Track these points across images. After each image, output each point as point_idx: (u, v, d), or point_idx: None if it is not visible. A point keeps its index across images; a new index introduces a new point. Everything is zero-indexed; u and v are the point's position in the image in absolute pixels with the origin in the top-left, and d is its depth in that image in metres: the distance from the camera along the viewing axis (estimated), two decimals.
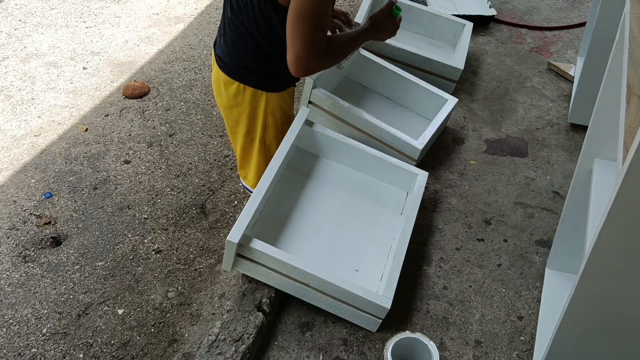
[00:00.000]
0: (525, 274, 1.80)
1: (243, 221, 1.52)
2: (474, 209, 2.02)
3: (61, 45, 3.01)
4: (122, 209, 2.09)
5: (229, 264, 1.57)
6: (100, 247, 1.95)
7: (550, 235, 1.92)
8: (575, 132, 2.40)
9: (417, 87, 2.31)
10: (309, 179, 1.91)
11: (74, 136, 2.43)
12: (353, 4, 3.49)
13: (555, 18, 3.25)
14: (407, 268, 1.74)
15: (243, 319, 1.56)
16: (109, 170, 2.26)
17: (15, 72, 2.80)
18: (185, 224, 2.05)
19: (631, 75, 1.02)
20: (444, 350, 1.58)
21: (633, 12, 1.17)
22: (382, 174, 1.95)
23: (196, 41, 3.11)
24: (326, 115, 2.08)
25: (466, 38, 2.67)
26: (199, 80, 2.81)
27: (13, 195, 2.14)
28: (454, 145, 2.30)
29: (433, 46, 2.78)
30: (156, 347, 1.67)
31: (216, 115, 2.58)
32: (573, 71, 2.71)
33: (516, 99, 2.59)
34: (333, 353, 1.55)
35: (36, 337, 1.68)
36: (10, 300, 1.77)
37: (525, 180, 2.16)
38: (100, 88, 2.73)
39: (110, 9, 3.36)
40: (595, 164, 1.41)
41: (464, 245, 1.88)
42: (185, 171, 2.27)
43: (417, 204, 1.84)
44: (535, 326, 1.64)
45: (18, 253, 1.92)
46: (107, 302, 1.78)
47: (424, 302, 1.70)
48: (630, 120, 0.94)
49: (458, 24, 2.76)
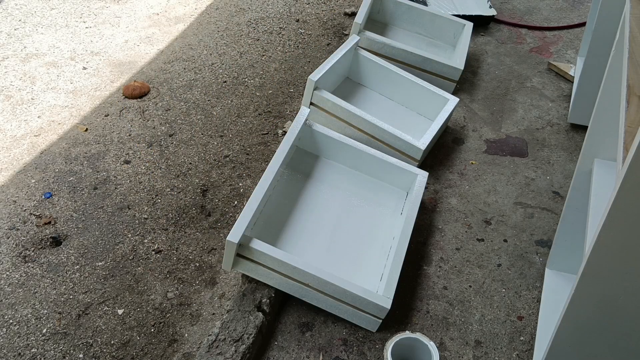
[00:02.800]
0: (525, 274, 1.80)
1: (243, 221, 1.52)
2: (474, 209, 2.02)
3: (61, 45, 3.01)
4: (122, 209, 2.09)
5: (229, 264, 1.57)
6: (100, 247, 1.95)
7: (550, 235, 1.92)
8: (575, 132, 2.40)
9: (418, 87, 2.31)
10: (309, 179, 1.91)
11: (74, 136, 2.43)
12: (353, 3, 3.49)
13: (555, 18, 3.25)
14: (407, 268, 1.74)
15: (243, 319, 1.56)
16: (109, 170, 2.26)
17: (15, 72, 2.80)
18: (185, 224, 2.05)
19: (631, 75, 1.02)
20: (444, 350, 1.58)
21: (633, 12, 1.17)
22: (382, 174, 1.96)
23: (196, 41, 3.11)
24: (328, 117, 2.08)
25: (466, 38, 2.67)
26: (199, 80, 2.81)
27: (13, 195, 2.14)
28: (454, 145, 2.30)
29: (433, 46, 2.78)
30: (156, 347, 1.67)
31: (216, 115, 2.58)
32: (573, 71, 2.71)
33: (516, 99, 2.59)
34: (333, 353, 1.55)
35: (36, 337, 1.68)
36: (10, 300, 1.77)
37: (525, 180, 2.16)
38: (100, 88, 2.73)
39: (110, 9, 3.36)
40: (595, 164, 1.41)
41: (464, 245, 1.88)
42: (185, 171, 2.27)
43: (417, 204, 1.84)
44: (535, 326, 1.63)
45: (18, 253, 1.92)
46: (107, 302, 1.78)
47: (424, 302, 1.70)
48: (630, 120, 0.94)
49: (458, 24, 2.76)
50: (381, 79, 2.36)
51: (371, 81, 2.38)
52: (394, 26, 2.84)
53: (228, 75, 2.86)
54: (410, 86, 2.32)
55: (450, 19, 2.77)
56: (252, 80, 2.83)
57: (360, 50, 2.33)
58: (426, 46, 2.76)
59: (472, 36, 2.76)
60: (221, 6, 3.51)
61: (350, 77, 2.40)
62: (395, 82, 2.34)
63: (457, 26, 2.76)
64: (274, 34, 3.24)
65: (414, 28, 2.83)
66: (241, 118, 2.57)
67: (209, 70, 2.89)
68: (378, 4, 2.75)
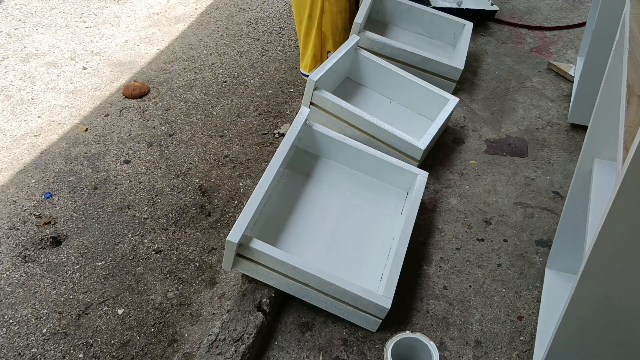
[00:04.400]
0: (525, 274, 1.80)
1: (243, 221, 1.52)
2: (474, 209, 2.02)
3: (61, 45, 3.01)
4: (122, 209, 2.09)
5: (229, 264, 1.57)
6: (100, 247, 1.95)
7: (550, 235, 1.92)
8: (575, 132, 2.40)
9: (418, 87, 2.31)
10: (309, 179, 1.91)
11: (74, 136, 2.43)
12: None
13: (555, 18, 3.25)
14: (407, 268, 1.74)
15: (243, 319, 1.56)
16: (109, 170, 2.26)
17: (15, 72, 2.80)
18: (185, 224, 2.05)
19: (631, 75, 1.02)
20: (444, 350, 1.58)
21: (633, 12, 1.17)
22: (382, 174, 1.96)
23: (196, 41, 3.11)
24: (328, 117, 2.08)
25: (466, 38, 2.67)
26: (199, 80, 2.81)
27: (13, 195, 2.14)
28: (454, 145, 2.30)
29: (433, 46, 2.78)
30: (156, 347, 1.67)
31: (216, 115, 2.58)
32: (573, 71, 2.71)
33: (516, 99, 2.59)
34: (333, 353, 1.55)
35: (36, 337, 1.68)
36: (10, 300, 1.77)
37: (525, 180, 2.16)
38: (100, 88, 2.73)
39: (110, 9, 3.36)
40: (595, 164, 1.41)
41: (464, 245, 1.88)
42: (185, 171, 2.27)
43: (417, 204, 1.84)
44: (535, 326, 1.64)
45: (18, 253, 1.92)
46: (107, 302, 1.78)
47: (424, 302, 1.70)
48: (630, 120, 0.94)
49: (458, 24, 2.76)
50: (381, 79, 2.36)
51: (371, 81, 2.38)
52: (394, 26, 2.84)
53: (228, 75, 2.86)
54: (410, 86, 2.32)
55: (450, 19, 2.76)
56: (252, 80, 2.83)
57: (360, 50, 2.33)
58: (426, 46, 2.76)
59: (472, 36, 2.76)
60: (221, 6, 3.51)
61: (350, 77, 2.40)
62: (395, 82, 2.34)
63: (457, 26, 2.76)
64: (274, 34, 3.24)
65: (414, 28, 2.83)
66: (241, 118, 2.57)
67: (209, 70, 2.89)
68: (378, 4, 2.75)
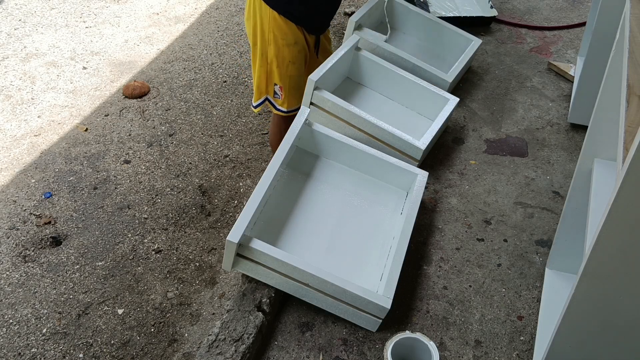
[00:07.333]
0: (525, 274, 1.80)
1: (243, 221, 1.52)
2: (474, 209, 2.02)
3: (61, 45, 3.01)
4: (122, 209, 2.09)
5: (229, 263, 1.57)
6: (100, 247, 1.95)
7: (550, 235, 1.92)
8: (575, 132, 2.40)
9: (418, 87, 2.31)
10: (309, 179, 1.91)
11: (74, 136, 2.43)
12: (353, 3, 3.49)
13: (555, 18, 3.25)
14: (407, 268, 1.74)
15: (243, 319, 1.56)
16: (109, 170, 2.26)
17: (15, 72, 2.80)
18: (185, 224, 2.05)
19: (631, 75, 1.02)
20: (444, 350, 1.58)
21: (633, 12, 1.17)
22: (382, 174, 1.96)
23: (196, 41, 3.11)
24: (328, 116, 2.08)
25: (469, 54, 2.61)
26: (199, 80, 2.81)
27: (13, 195, 2.14)
28: (454, 145, 2.30)
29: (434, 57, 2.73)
30: (156, 347, 1.67)
31: (216, 115, 2.58)
32: (573, 71, 2.71)
33: (516, 98, 2.59)
34: (333, 353, 1.55)
35: (36, 337, 1.68)
36: (10, 300, 1.77)
37: (525, 180, 2.16)
38: (100, 88, 2.73)
39: (110, 9, 3.36)
40: (595, 164, 1.41)
41: (464, 245, 1.88)
42: (185, 171, 2.27)
43: (417, 204, 1.84)
44: (535, 326, 1.64)
45: (18, 253, 1.92)
46: (107, 302, 1.78)
47: (424, 302, 1.70)
48: (630, 120, 0.94)
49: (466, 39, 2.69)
50: (381, 79, 2.35)
51: (371, 81, 2.38)
52: (399, 32, 2.82)
53: (228, 75, 2.86)
54: (410, 86, 2.32)
55: (459, 33, 2.70)
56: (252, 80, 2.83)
57: (360, 49, 2.33)
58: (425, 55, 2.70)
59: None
60: (221, 6, 3.51)
61: (350, 77, 2.40)
62: (395, 82, 2.34)
63: (464, 40, 2.70)
64: None
65: (418, 35, 2.79)
66: (241, 118, 2.57)
67: (209, 70, 2.89)
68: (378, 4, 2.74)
